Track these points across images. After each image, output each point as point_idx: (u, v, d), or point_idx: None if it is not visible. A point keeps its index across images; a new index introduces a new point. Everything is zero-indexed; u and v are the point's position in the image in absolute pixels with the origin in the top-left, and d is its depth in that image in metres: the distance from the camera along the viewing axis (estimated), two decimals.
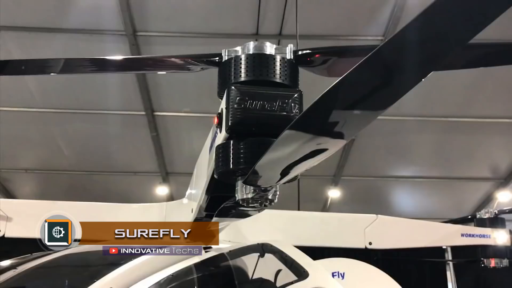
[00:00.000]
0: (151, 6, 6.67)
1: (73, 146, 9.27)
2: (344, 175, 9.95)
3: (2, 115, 8.35)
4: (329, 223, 3.97)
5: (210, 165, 1.92)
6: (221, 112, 1.63)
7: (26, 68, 2.33)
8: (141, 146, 9.21)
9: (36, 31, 6.95)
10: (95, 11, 6.68)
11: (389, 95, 1.07)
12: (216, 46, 6.09)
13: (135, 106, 8.26)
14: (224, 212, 2.22)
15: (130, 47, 7.04)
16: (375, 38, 7.19)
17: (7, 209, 3.36)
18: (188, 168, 9.66)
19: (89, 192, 9.86)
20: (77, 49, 7.00)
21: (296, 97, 1.55)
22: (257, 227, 3.38)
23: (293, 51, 1.67)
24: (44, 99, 8.09)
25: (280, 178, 1.48)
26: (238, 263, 2.82)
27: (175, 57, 1.84)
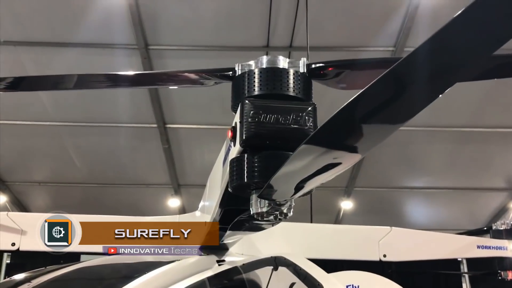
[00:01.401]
0: (162, 20, 6.75)
1: (86, 158, 9.35)
2: (356, 186, 9.90)
3: (16, 129, 8.47)
4: (342, 235, 3.94)
5: (224, 178, 1.92)
6: (235, 126, 1.63)
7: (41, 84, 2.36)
8: (153, 158, 9.26)
9: (49, 46, 7.07)
10: (107, 25, 6.78)
11: (410, 108, 1.06)
12: (227, 59, 6.19)
13: (147, 119, 8.32)
14: (238, 225, 2.21)
15: (142, 60, 7.12)
16: (386, 49, 7.19)
17: (21, 223, 3.38)
18: (200, 180, 9.70)
19: (101, 204, 9.92)
20: (89, 63, 7.10)
21: (310, 110, 1.55)
22: (270, 240, 3.36)
23: (306, 65, 1.67)
24: (57, 113, 8.19)
25: (295, 192, 1.48)
26: (251, 277, 2.80)
27: (189, 72, 1.85)
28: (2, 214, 3.50)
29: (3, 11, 6.54)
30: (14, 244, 3.37)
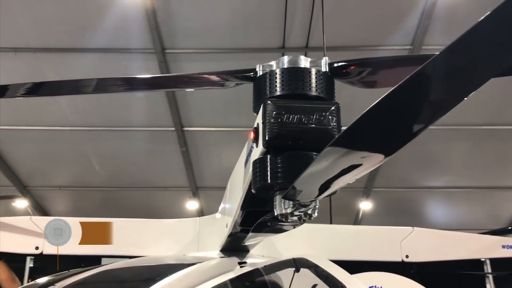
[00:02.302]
0: (179, 23, 6.78)
1: (105, 162, 9.45)
2: (375, 187, 9.82)
3: (36, 134, 8.60)
4: (364, 236, 3.90)
5: (246, 180, 1.91)
6: (257, 127, 1.62)
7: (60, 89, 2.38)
8: (171, 161, 9.31)
9: (67, 52, 7.16)
10: (123, 30, 6.84)
11: (442, 106, 1.03)
12: (243, 61, 6.19)
13: (164, 122, 8.38)
14: (261, 227, 2.20)
15: (159, 64, 7.16)
16: (403, 48, 7.12)
17: (44, 226, 3.42)
18: (218, 183, 9.74)
19: (121, 207, 10.01)
20: (106, 68, 7.17)
21: (333, 109, 1.54)
22: (290, 241, 3.34)
23: (328, 64, 1.66)
24: (76, 118, 8.29)
25: (320, 193, 1.47)
26: (273, 278, 2.79)
27: (210, 74, 1.85)
28: (25, 219, 3.55)
29: (22, 18, 6.64)
30: (38, 248, 3.41)
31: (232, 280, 2.52)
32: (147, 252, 3.42)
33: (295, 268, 2.81)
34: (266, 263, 2.74)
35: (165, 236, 3.54)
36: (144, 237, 3.58)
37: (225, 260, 2.80)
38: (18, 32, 6.81)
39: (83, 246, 3.55)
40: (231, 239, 2.69)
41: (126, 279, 2.74)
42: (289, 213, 1.60)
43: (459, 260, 4.20)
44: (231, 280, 2.51)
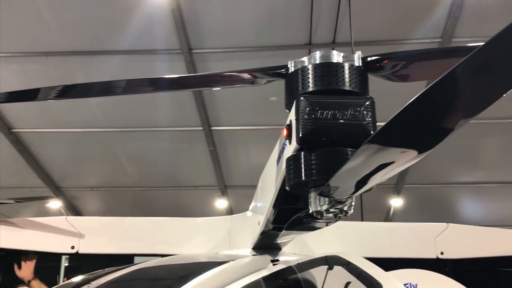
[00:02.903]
0: (205, 23, 6.82)
1: (135, 163, 9.59)
2: (406, 183, 9.67)
3: (68, 136, 8.80)
4: (397, 233, 3.82)
5: (278, 177, 1.90)
6: (290, 124, 1.61)
7: (90, 91, 2.41)
8: (200, 160, 9.38)
9: (95, 54, 7.28)
10: (150, 31, 6.92)
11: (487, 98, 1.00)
12: (270, 58, 6.17)
13: (192, 122, 8.45)
14: (295, 224, 2.19)
15: (186, 64, 7.22)
16: (432, 41, 6.99)
17: (79, 226, 3.48)
18: (246, 181, 9.76)
19: (151, 207, 10.15)
20: (134, 70, 7.27)
21: (368, 104, 1.51)
22: (322, 239, 3.31)
23: (362, 58, 1.63)
24: (106, 119, 8.44)
25: (357, 189, 1.44)
26: (306, 276, 2.77)
27: (240, 72, 1.85)
28: (61, 219, 3.61)
29: (52, 23, 6.79)
30: (73, 247, 3.47)
31: (265, 278, 2.51)
32: (179, 250, 3.44)
33: (328, 266, 2.79)
34: (299, 261, 2.73)
35: (197, 234, 3.55)
36: (176, 235, 3.61)
37: (257, 258, 2.79)
38: (49, 36, 6.97)
39: (117, 245, 3.60)
40: (263, 237, 2.69)
41: (161, 277, 2.77)
42: (325, 210, 1.58)
43: (495, 257, 4.09)
44: (264, 278, 2.51)
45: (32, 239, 3.53)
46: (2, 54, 7.26)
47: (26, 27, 6.86)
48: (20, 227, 3.61)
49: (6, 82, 7.37)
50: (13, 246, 3.63)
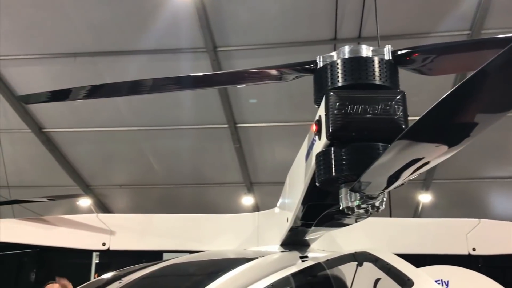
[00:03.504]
0: (229, 20, 6.84)
1: (162, 161, 9.70)
2: (435, 178, 9.50)
3: (96, 135, 8.95)
4: (427, 229, 3.77)
5: (307, 174, 1.89)
6: (320, 119, 1.60)
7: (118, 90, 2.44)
8: (225, 158, 9.43)
9: (122, 54, 7.38)
10: (176, 30, 6.97)
11: None
12: (295, 54, 6.12)
13: (218, 120, 8.49)
14: (324, 221, 2.18)
15: (211, 62, 7.25)
16: (461, 33, 6.84)
17: (110, 224, 3.55)
18: (272, 178, 9.73)
19: (178, 204, 10.26)
20: (160, 68, 7.34)
21: (399, 98, 1.49)
22: (351, 235, 3.29)
23: (392, 52, 1.61)
24: (134, 118, 8.55)
25: (389, 184, 1.43)
26: (336, 273, 2.75)
27: (268, 68, 1.84)
28: (92, 216, 3.69)
29: (80, 24, 6.91)
30: (105, 244, 3.54)
31: (294, 274, 2.51)
32: (207, 247, 3.46)
33: (357, 262, 2.76)
34: (328, 257, 2.71)
35: (225, 231, 3.57)
36: (204, 232, 3.64)
37: (286, 254, 2.79)
38: (77, 38, 7.10)
39: (146, 241, 3.65)
40: (292, 234, 2.68)
41: (191, 273, 2.79)
42: (356, 206, 1.56)
43: None
44: (293, 274, 2.50)
45: (65, 237, 3.62)
46: (32, 56, 7.44)
47: (55, 29, 7.00)
48: (53, 224, 3.70)
49: (36, 83, 7.55)
50: (46, 244, 3.72)
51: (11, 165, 8.45)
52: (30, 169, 9.75)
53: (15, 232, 3.76)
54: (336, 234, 3.30)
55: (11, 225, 3.82)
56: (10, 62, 7.56)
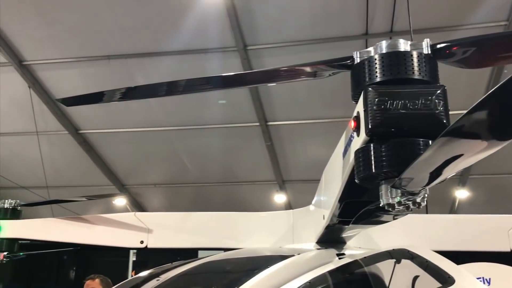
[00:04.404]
0: (259, 18, 6.84)
1: (195, 159, 9.80)
2: (472, 174, 9.27)
3: (130, 136, 9.13)
4: (465, 225, 3.68)
5: (345, 171, 1.88)
6: (358, 115, 1.59)
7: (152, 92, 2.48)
8: (257, 156, 9.45)
9: (153, 56, 7.48)
10: (206, 30, 7.02)
11: None
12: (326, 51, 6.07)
13: (249, 118, 8.51)
14: (363, 218, 2.16)
15: (241, 61, 7.27)
16: (497, 24, 6.65)
17: (148, 222, 3.61)
18: (304, 175, 9.68)
19: (211, 202, 10.35)
20: (192, 69, 7.40)
21: (439, 93, 1.47)
22: (387, 232, 3.25)
23: (430, 45, 1.59)
24: (167, 118, 8.67)
25: (431, 180, 1.41)
26: (373, 270, 2.73)
27: (303, 65, 1.84)
28: (130, 215, 3.76)
29: (113, 26, 7.04)
30: (143, 242, 3.60)
31: (332, 272, 2.50)
32: (242, 245, 3.48)
33: (395, 259, 2.73)
34: (365, 255, 2.69)
35: (260, 229, 3.58)
36: (239, 229, 3.65)
37: (323, 251, 2.79)
38: (110, 40, 7.25)
39: (183, 239, 3.70)
40: (328, 231, 2.67)
41: (227, 270, 2.82)
42: (397, 202, 1.55)
43: None
44: (331, 271, 2.49)
45: (104, 235, 3.70)
46: (68, 59, 7.64)
47: (89, 33, 7.16)
48: (92, 223, 3.79)
49: (72, 86, 7.76)
50: (86, 242, 3.82)
51: (49, 166, 8.70)
52: (67, 169, 10.02)
53: (56, 231, 3.87)
54: (372, 232, 3.27)
55: (52, 224, 3.94)
56: (46, 66, 7.79)
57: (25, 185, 9.81)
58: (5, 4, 6.75)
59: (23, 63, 7.68)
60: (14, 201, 4.10)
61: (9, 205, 4.07)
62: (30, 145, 8.76)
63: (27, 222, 4.04)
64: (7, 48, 7.37)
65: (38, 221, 4.00)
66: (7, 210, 4.05)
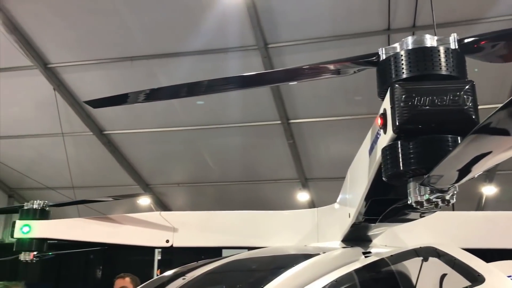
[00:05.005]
0: (280, 16, 6.82)
1: (217, 158, 9.85)
2: (499, 170, 9.08)
3: (153, 136, 9.22)
4: (494, 222, 3.61)
5: (371, 168, 1.87)
6: (385, 113, 1.57)
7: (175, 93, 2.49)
8: (279, 154, 9.44)
9: (175, 56, 7.53)
10: (227, 29, 7.03)
11: None
12: (348, 47, 6.00)
13: (270, 116, 8.51)
14: (390, 216, 2.14)
15: (262, 59, 7.27)
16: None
17: (173, 221, 3.65)
18: (327, 173, 9.61)
19: (234, 201, 10.39)
20: (213, 68, 7.43)
21: (468, 88, 1.44)
22: (413, 230, 3.20)
23: (458, 40, 1.57)
24: (189, 118, 8.73)
25: (461, 177, 1.38)
26: (400, 268, 2.70)
27: (328, 63, 1.83)
28: (155, 214, 3.80)
29: (134, 28, 7.12)
30: (168, 241, 3.63)
31: (358, 270, 2.48)
32: (267, 243, 3.48)
33: (422, 257, 2.70)
34: (392, 253, 2.67)
35: (284, 227, 3.58)
36: (263, 228, 3.66)
37: (349, 250, 2.77)
38: (133, 42, 7.33)
39: (207, 238, 3.72)
40: (354, 229, 2.66)
41: (253, 269, 2.83)
42: (426, 200, 1.53)
43: None
44: (357, 270, 2.48)
45: (131, 234, 3.75)
46: (91, 61, 7.75)
47: (112, 35, 7.25)
48: (119, 222, 3.84)
49: (96, 88, 7.88)
50: (113, 241, 3.87)
51: (74, 166, 8.85)
52: (92, 170, 10.19)
53: (84, 231, 3.94)
54: (398, 230, 3.23)
55: (80, 224, 4.01)
56: (70, 69, 7.92)
57: (52, 186, 10.01)
58: (30, 9, 6.89)
59: (47, 66, 7.83)
60: (42, 202, 4.17)
61: (38, 206, 4.15)
62: (56, 147, 8.92)
63: (56, 222, 4.12)
64: (33, 52, 7.53)
65: (66, 221, 4.08)
66: (36, 210, 4.13)
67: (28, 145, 9.71)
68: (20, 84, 8.22)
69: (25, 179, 10.63)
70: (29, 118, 8.93)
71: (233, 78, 2.07)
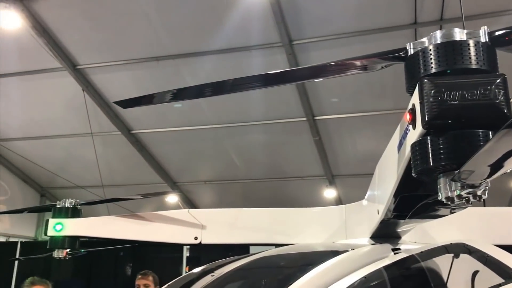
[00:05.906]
0: (304, 12, 6.79)
1: (243, 156, 9.89)
2: None
3: (180, 134, 9.32)
4: None
5: (400, 164, 1.85)
6: (414, 108, 1.56)
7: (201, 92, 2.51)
8: (305, 151, 9.42)
9: (200, 55, 7.58)
10: (251, 27, 7.03)
11: None
12: (374, 42, 5.93)
13: (296, 113, 8.49)
14: (419, 212, 2.12)
15: (287, 56, 7.25)
16: None
17: (201, 218, 3.68)
18: (354, 170, 9.53)
19: (260, 198, 10.41)
20: (238, 66, 7.45)
21: (499, 82, 1.42)
22: (443, 227, 3.15)
23: (488, 33, 1.54)
24: (215, 116, 8.79)
25: (493, 172, 1.36)
26: (430, 265, 2.67)
27: (354, 59, 1.82)
28: (184, 211, 3.84)
29: (160, 28, 7.20)
30: (197, 238, 3.67)
31: (387, 267, 2.47)
32: (295, 240, 3.48)
33: (453, 254, 2.66)
34: (422, 249, 2.64)
35: (313, 224, 3.57)
36: (291, 225, 3.65)
37: (378, 246, 2.75)
38: (158, 42, 7.41)
39: (235, 235, 3.74)
40: (383, 226, 2.63)
41: (282, 265, 2.84)
42: (457, 195, 1.51)
43: None
44: (386, 266, 2.46)
45: (160, 232, 3.80)
46: (118, 62, 7.88)
47: (138, 35, 7.35)
48: (148, 220, 3.90)
49: (123, 88, 8.01)
50: (143, 238, 3.94)
51: (104, 165, 9.03)
52: (121, 168, 10.37)
53: (114, 228, 4.01)
54: (427, 226, 3.19)
55: (110, 221, 4.08)
56: (98, 70, 8.07)
57: (82, 184, 10.23)
58: (58, 12, 7.04)
59: (76, 67, 8.00)
60: (74, 200, 4.26)
61: (69, 204, 4.24)
62: (86, 146, 9.12)
63: (87, 220, 4.21)
64: (62, 54, 7.70)
65: (97, 219, 4.16)
66: (68, 209, 4.22)
67: (58, 145, 9.95)
68: (50, 86, 8.43)
69: (56, 178, 10.90)
70: (59, 118, 9.14)
71: (259, 76, 2.08)
